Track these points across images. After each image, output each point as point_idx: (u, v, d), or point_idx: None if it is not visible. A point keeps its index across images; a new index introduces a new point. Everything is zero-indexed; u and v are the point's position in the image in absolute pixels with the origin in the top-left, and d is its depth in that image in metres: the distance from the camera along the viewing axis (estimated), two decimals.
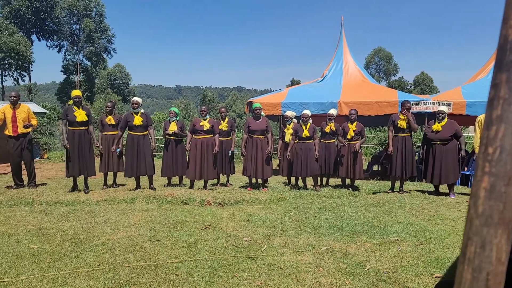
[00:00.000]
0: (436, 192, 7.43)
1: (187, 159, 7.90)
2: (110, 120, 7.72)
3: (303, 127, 7.67)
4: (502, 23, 0.44)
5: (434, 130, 7.32)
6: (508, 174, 0.43)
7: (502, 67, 0.43)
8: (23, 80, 41.37)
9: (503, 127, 0.43)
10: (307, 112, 7.85)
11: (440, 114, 7.30)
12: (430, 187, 7.82)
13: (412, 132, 7.61)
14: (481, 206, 0.43)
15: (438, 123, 7.29)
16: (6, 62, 37.47)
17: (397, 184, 7.78)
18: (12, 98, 7.27)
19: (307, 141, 7.66)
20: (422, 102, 9.72)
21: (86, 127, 7.15)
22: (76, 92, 7.21)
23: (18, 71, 40.20)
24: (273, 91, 15.57)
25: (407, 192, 7.63)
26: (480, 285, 0.43)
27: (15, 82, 40.80)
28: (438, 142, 7.25)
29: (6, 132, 7.24)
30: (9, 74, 39.94)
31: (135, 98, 7.54)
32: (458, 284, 0.44)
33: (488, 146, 0.43)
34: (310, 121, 7.82)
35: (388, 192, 7.59)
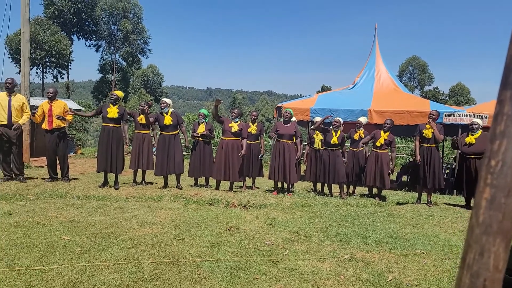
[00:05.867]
0: (467, 206, 7.22)
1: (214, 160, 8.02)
2: (142, 119, 7.92)
3: (333, 133, 7.62)
4: (509, 43, 0.47)
5: (467, 143, 7.12)
6: (509, 186, 0.45)
7: (507, 85, 0.45)
8: (62, 78, 43.08)
9: (505, 142, 0.45)
10: (339, 119, 7.82)
11: (474, 125, 7.10)
12: (461, 201, 7.61)
13: (439, 143, 7.44)
14: (481, 215, 0.46)
15: (472, 135, 7.09)
16: (47, 60, 39.12)
17: (426, 196, 7.61)
18: (49, 94, 7.62)
19: (334, 148, 7.61)
20: (456, 113, 9.47)
21: (117, 125, 7.35)
22: (114, 91, 7.54)
23: (57, 68, 41.89)
24: (303, 96, 15.56)
25: (435, 204, 7.45)
26: None
27: (54, 80, 42.52)
28: (472, 156, 7.05)
29: (43, 126, 7.55)
30: (49, 72, 41.68)
31: (163, 99, 7.76)
32: None
33: (491, 159, 0.46)
34: (341, 129, 7.76)
35: (415, 204, 7.44)
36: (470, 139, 7.08)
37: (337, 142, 7.57)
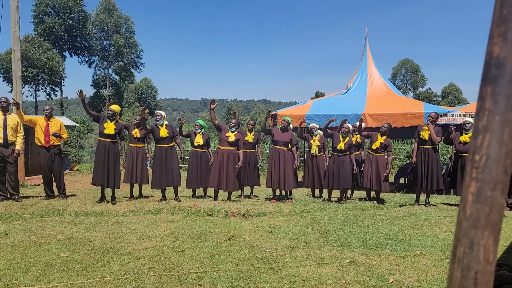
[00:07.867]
0: None
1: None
2: (136, 133, 7.89)
3: (341, 139, 7.60)
4: (488, 41, 0.48)
5: (461, 142, 7.18)
6: (494, 179, 0.46)
7: (487, 81, 0.47)
8: (55, 95, 42.90)
9: (488, 136, 0.46)
10: (349, 125, 7.66)
11: (467, 125, 7.17)
12: (458, 200, 7.63)
13: (437, 145, 7.47)
14: (469, 209, 0.47)
15: (465, 134, 7.15)
16: (39, 77, 39.01)
17: (424, 197, 7.63)
18: (45, 111, 7.61)
19: (341, 154, 7.57)
20: (449, 113, 9.54)
21: (113, 140, 7.33)
22: (111, 106, 7.52)
23: (50, 86, 41.71)
24: (298, 103, 15.63)
25: (433, 205, 7.47)
26: (469, 283, 0.46)
27: (48, 97, 42.35)
28: (467, 154, 7.10)
29: (37, 142, 7.50)
30: (42, 89, 41.51)
31: (158, 111, 7.77)
32: (449, 282, 0.47)
33: (475, 153, 0.47)
34: (350, 135, 7.69)
35: (414, 205, 7.45)
36: (464, 137, 7.14)
37: (343, 148, 7.52)
